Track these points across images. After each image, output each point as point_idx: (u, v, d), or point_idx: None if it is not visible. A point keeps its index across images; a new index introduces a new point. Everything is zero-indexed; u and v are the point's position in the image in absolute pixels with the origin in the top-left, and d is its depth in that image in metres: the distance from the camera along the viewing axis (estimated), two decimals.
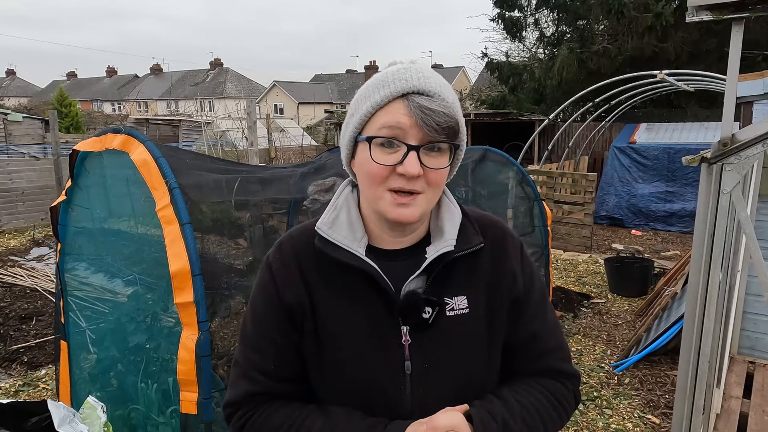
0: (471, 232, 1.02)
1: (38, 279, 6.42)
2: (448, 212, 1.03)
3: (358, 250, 0.97)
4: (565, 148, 12.05)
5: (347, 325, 0.98)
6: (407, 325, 0.97)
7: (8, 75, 54.02)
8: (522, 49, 16.32)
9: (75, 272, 2.81)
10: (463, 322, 0.99)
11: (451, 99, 0.92)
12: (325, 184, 3.16)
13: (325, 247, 0.98)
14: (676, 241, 9.00)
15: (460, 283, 1.00)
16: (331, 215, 1.02)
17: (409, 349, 0.97)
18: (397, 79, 0.91)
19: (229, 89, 42.90)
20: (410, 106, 0.88)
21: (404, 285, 0.97)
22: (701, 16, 1.72)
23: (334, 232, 0.99)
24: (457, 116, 0.92)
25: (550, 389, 1.04)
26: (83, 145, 2.49)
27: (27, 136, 11.21)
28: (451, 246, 0.98)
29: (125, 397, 2.57)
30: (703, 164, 1.87)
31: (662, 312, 4.62)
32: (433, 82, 0.91)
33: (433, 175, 0.92)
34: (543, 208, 4.66)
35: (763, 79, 4.90)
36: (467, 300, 1.00)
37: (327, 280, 1.00)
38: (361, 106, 0.94)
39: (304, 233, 1.05)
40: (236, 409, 1.03)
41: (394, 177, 0.91)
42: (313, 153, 14.96)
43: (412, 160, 0.89)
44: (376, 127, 0.92)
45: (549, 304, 1.12)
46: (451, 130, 0.91)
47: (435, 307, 0.96)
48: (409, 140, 0.89)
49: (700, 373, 2.00)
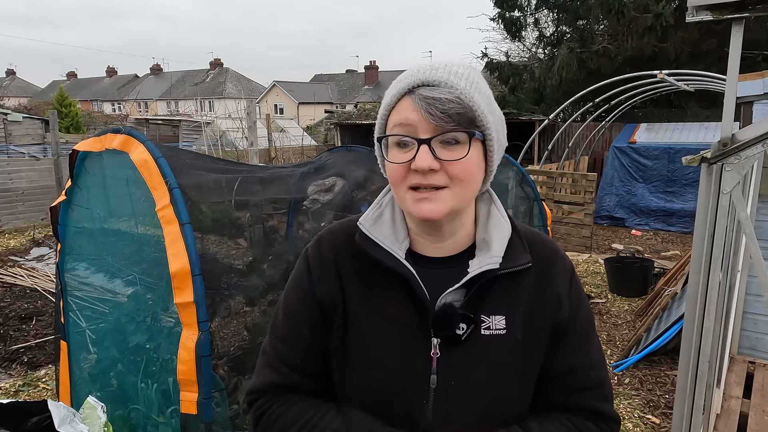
0: (519, 250, 0.96)
1: (38, 279, 6.42)
2: (497, 224, 0.98)
3: (398, 252, 0.94)
4: (565, 148, 12.04)
5: (376, 327, 0.95)
6: (438, 338, 0.92)
7: (8, 75, 54.03)
8: (522, 49, 16.35)
9: (75, 272, 2.81)
10: (498, 343, 0.93)
11: (462, 86, 0.86)
12: (325, 184, 3.16)
13: (365, 244, 0.95)
14: (676, 241, 9.00)
15: (500, 302, 0.95)
16: (375, 212, 0.99)
17: (437, 362, 0.92)
18: (405, 77, 0.90)
19: (229, 89, 42.91)
20: (415, 100, 0.86)
21: (441, 296, 0.93)
22: (701, 16, 1.72)
23: (376, 230, 0.96)
24: (472, 102, 0.86)
25: (587, 429, 0.97)
26: (83, 145, 2.49)
27: (27, 136, 11.20)
28: (497, 263, 0.93)
29: (125, 397, 2.57)
30: (703, 164, 1.87)
31: (662, 312, 4.62)
32: (442, 72, 0.87)
33: (453, 168, 0.86)
34: (543, 208, 4.66)
35: (763, 79, 4.90)
36: (506, 320, 0.94)
37: (362, 278, 0.97)
38: (380, 112, 0.93)
39: (345, 229, 1.02)
40: (257, 397, 1.02)
41: (411, 174, 0.88)
42: (313, 153, 14.96)
43: (422, 154, 0.85)
44: (390, 127, 0.91)
45: (595, 338, 1.04)
46: (462, 116, 0.85)
47: (471, 324, 0.91)
48: (420, 135, 0.86)
49: (700, 373, 2.00)
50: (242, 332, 2.87)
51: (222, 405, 2.27)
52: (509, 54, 16.00)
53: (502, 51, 16.28)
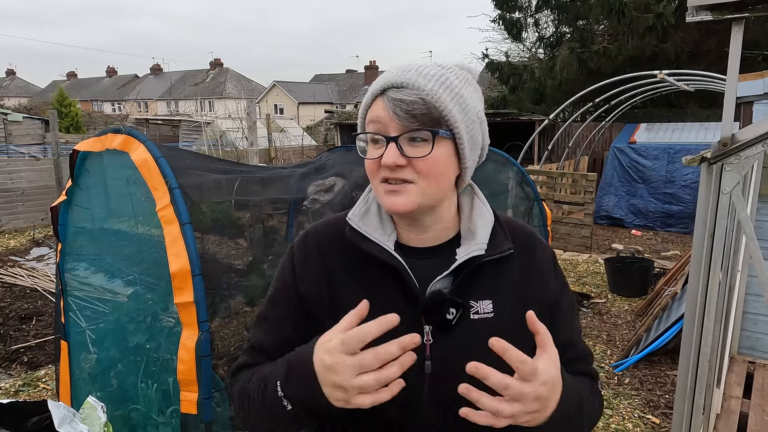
0: (501, 237, 1.03)
1: (38, 279, 6.42)
2: (480, 215, 1.04)
3: (387, 243, 0.99)
4: (565, 148, 12.05)
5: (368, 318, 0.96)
6: (430, 325, 0.97)
7: (8, 75, 54.06)
8: (522, 50, 16.35)
9: (75, 272, 2.81)
10: (487, 326, 0.98)
11: (429, 87, 0.91)
12: (325, 184, 3.16)
13: (355, 238, 1.00)
14: (676, 241, 9.00)
15: (486, 287, 1.00)
16: (362, 208, 1.05)
17: (430, 348, 0.96)
18: (380, 79, 0.96)
19: (229, 89, 42.92)
20: (385, 101, 0.93)
21: (430, 284, 0.97)
22: (701, 16, 1.72)
23: (365, 224, 1.02)
24: (438, 102, 0.91)
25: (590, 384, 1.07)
26: (83, 145, 2.49)
27: (27, 136, 11.22)
28: (482, 249, 0.98)
29: (125, 397, 2.57)
30: (703, 164, 1.87)
31: (662, 312, 4.62)
32: (412, 74, 0.92)
33: (419, 164, 0.92)
34: (543, 208, 4.65)
35: (763, 79, 4.90)
36: (492, 304, 1.00)
37: (352, 271, 1.02)
38: (359, 110, 1.00)
39: (333, 224, 1.08)
40: (232, 378, 1.09)
41: (382, 169, 0.94)
42: (313, 153, 14.97)
43: (389, 151, 0.92)
44: (366, 125, 0.97)
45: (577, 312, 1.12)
46: (426, 116, 0.91)
47: (459, 308, 0.96)
48: (390, 133, 0.93)
49: (700, 373, 2.00)
50: (242, 332, 2.87)
51: (222, 405, 2.27)
52: (509, 54, 16.01)
53: (502, 51, 16.29)
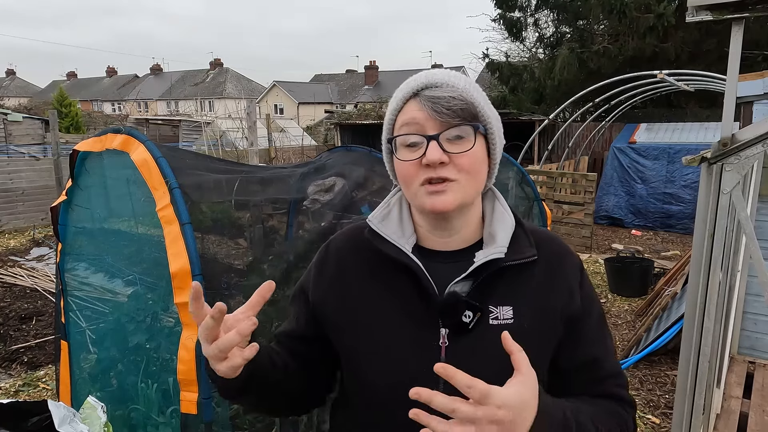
0: (524, 243, 1.01)
1: (38, 279, 6.42)
2: (501, 219, 1.03)
3: (405, 246, 0.99)
4: (565, 148, 12.05)
5: (385, 320, 0.99)
6: (446, 327, 0.96)
7: (8, 75, 54.04)
8: (522, 50, 16.34)
9: (75, 272, 2.81)
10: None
11: (462, 85, 0.94)
12: (325, 184, 3.16)
13: (374, 239, 1.02)
14: (676, 241, 9.00)
15: (507, 293, 0.98)
16: (383, 211, 1.06)
17: (445, 351, 0.95)
18: (408, 83, 0.98)
19: (229, 89, 42.91)
20: (420, 101, 0.93)
21: (448, 287, 0.97)
22: (701, 16, 1.72)
23: (384, 226, 1.03)
24: (473, 99, 0.94)
25: (613, 408, 1.01)
26: (83, 145, 2.49)
27: (27, 136, 11.21)
28: (502, 253, 0.97)
29: (125, 397, 2.57)
30: (703, 164, 1.87)
31: (662, 312, 4.62)
32: (441, 74, 0.95)
33: (461, 160, 0.93)
34: (543, 208, 4.65)
35: (763, 79, 4.89)
36: (513, 311, 0.97)
37: (371, 273, 1.03)
38: (387, 117, 1.01)
39: (354, 230, 1.11)
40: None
41: (423, 170, 0.93)
42: (313, 153, 14.96)
43: (432, 149, 0.91)
44: (398, 129, 0.98)
45: (608, 329, 1.09)
46: (465, 111, 0.93)
47: (476, 312, 0.95)
48: (428, 132, 0.93)
49: (700, 373, 2.00)
50: None
51: (222, 405, 2.27)
52: (509, 54, 16.01)
53: (502, 51, 16.30)
